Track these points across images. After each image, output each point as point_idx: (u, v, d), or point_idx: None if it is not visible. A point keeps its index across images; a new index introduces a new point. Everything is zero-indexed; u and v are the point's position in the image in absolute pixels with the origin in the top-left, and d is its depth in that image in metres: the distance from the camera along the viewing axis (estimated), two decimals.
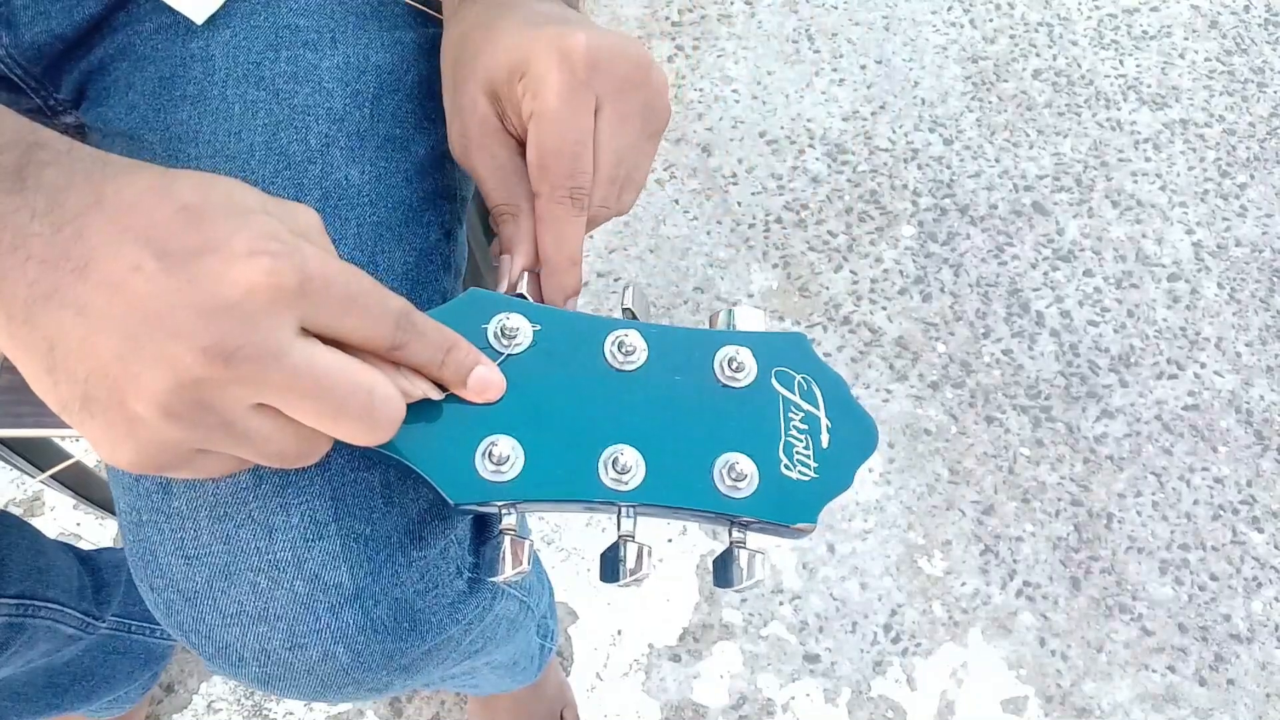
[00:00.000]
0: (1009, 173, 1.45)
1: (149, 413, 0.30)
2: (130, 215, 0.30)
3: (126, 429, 0.30)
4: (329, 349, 0.32)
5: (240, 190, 0.33)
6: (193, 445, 0.32)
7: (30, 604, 0.71)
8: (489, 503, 0.37)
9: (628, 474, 0.36)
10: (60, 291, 0.30)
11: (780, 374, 0.39)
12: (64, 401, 0.30)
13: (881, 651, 1.12)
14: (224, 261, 0.30)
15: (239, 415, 0.31)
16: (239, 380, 0.30)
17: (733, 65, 1.53)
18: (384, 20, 0.51)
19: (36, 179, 0.30)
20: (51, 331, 0.30)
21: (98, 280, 0.29)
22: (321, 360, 0.31)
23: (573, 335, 0.39)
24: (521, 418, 0.37)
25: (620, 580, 0.37)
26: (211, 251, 0.30)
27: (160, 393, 0.29)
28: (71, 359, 0.30)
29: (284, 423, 0.32)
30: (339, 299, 0.32)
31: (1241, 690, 1.11)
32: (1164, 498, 1.22)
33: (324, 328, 0.32)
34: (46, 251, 0.30)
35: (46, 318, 0.30)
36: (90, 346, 0.29)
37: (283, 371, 0.30)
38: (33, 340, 0.30)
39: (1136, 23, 1.61)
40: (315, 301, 0.31)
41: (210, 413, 0.31)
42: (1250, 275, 1.38)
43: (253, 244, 0.30)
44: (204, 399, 0.30)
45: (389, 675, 0.45)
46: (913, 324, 1.31)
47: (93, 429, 0.31)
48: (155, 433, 0.30)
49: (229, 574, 0.42)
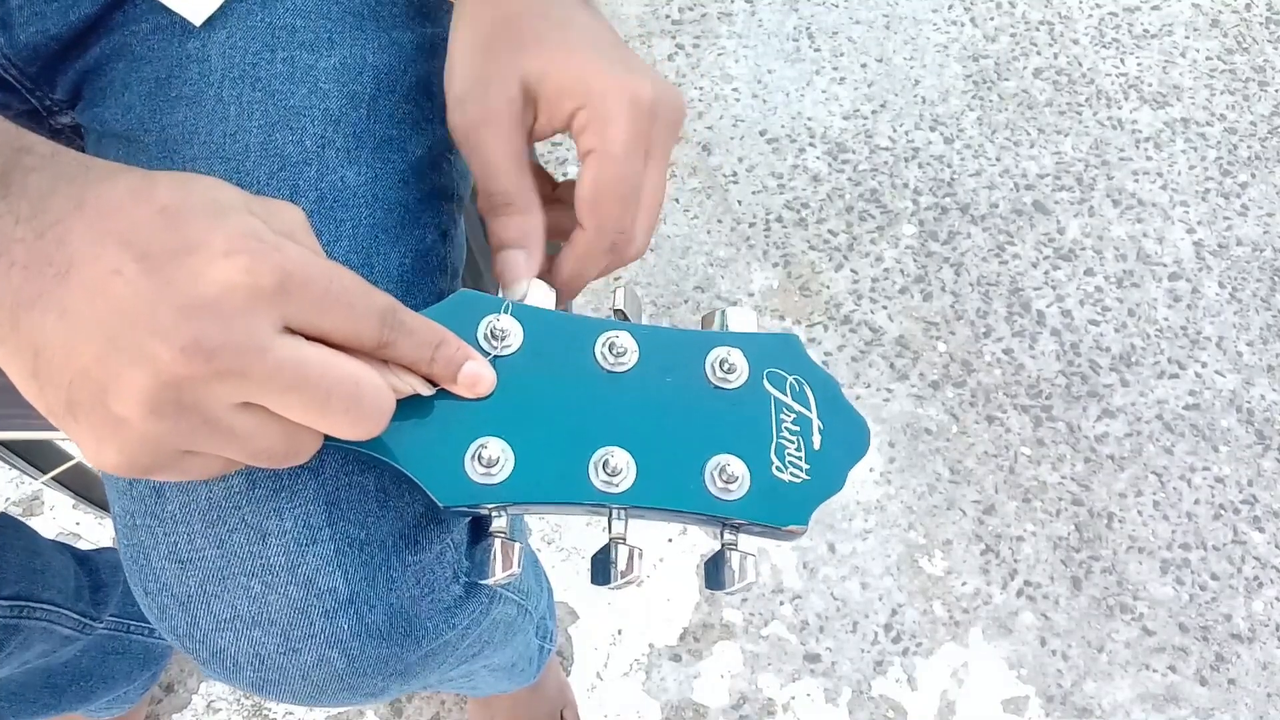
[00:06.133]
0: (1010, 171, 1.44)
1: (131, 413, 0.30)
2: (111, 218, 0.30)
3: (110, 431, 0.30)
4: (313, 344, 0.32)
5: (221, 189, 0.32)
6: (178, 445, 0.31)
7: (26, 605, 0.71)
8: (479, 505, 0.36)
9: (618, 476, 0.36)
10: (44, 297, 0.30)
11: (772, 375, 0.39)
12: (50, 406, 0.31)
13: (882, 651, 1.11)
14: (203, 261, 0.30)
15: (223, 413, 0.31)
16: (220, 377, 0.30)
17: (733, 63, 1.52)
18: (381, 21, 0.51)
19: (21, 185, 0.30)
20: (36, 337, 0.30)
21: (79, 283, 0.29)
22: (304, 353, 0.31)
23: (563, 336, 0.38)
24: (511, 420, 0.37)
25: (611, 583, 0.36)
26: (190, 251, 0.30)
27: (141, 392, 0.29)
28: (55, 363, 0.30)
29: (270, 420, 0.32)
30: (320, 297, 0.32)
31: (1242, 690, 1.11)
32: (1165, 497, 1.21)
33: (307, 325, 0.32)
34: (30, 257, 0.30)
35: (30, 323, 0.30)
36: (72, 350, 0.30)
37: (265, 366, 0.30)
38: (19, 346, 0.30)
39: (1138, 21, 1.61)
40: (295, 300, 0.31)
41: (193, 412, 0.30)
42: (1251, 274, 1.38)
43: (231, 243, 0.30)
44: (186, 398, 0.30)
45: (385, 680, 0.44)
46: (913, 323, 1.31)
47: (78, 432, 0.31)
48: (139, 434, 0.30)
49: (222, 578, 0.41)
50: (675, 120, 0.43)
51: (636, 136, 0.41)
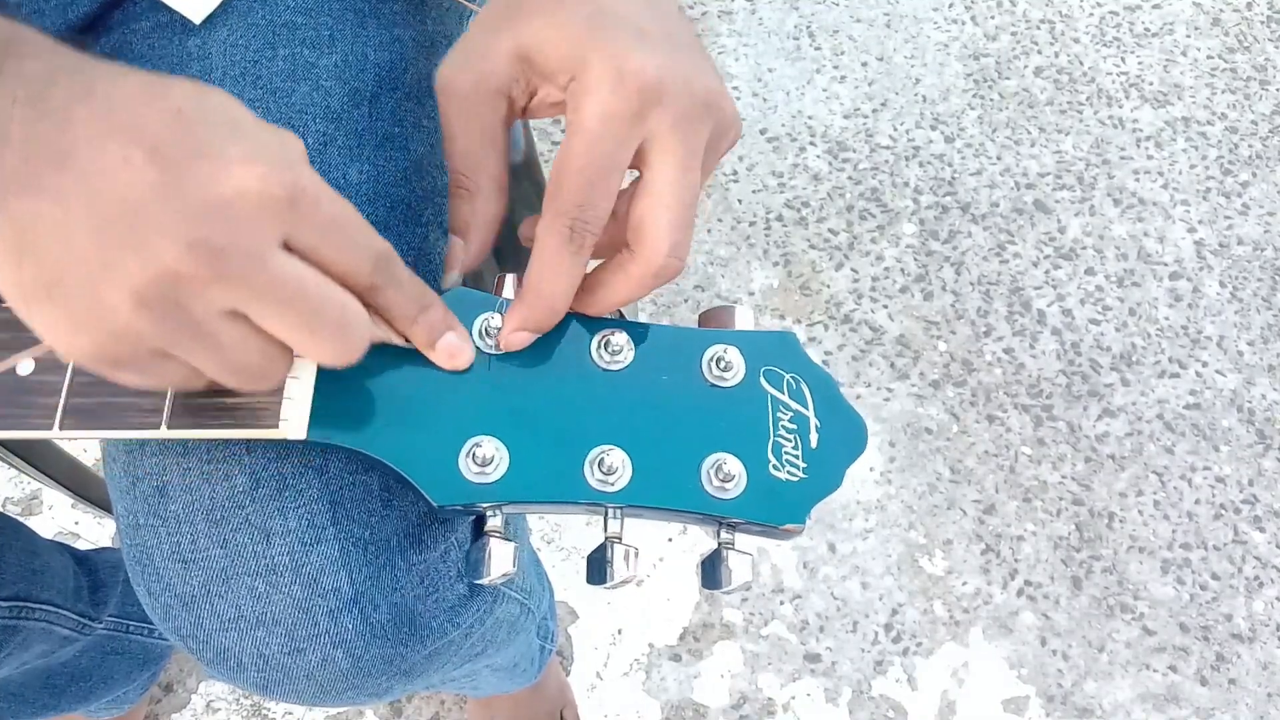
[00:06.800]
0: (1010, 170, 1.44)
1: (121, 301, 0.29)
2: (121, 112, 0.30)
3: (93, 318, 0.30)
4: (310, 266, 0.32)
5: (236, 107, 0.32)
6: (155, 344, 0.31)
7: (24, 606, 0.70)
8: (474, 504, 0.36)
9: (614, 475, 0.36)
10: (40, 179, 0.29)
11: (769, 373, 0.39)
12: (24, 285, 0.30)
13: (882, 651, 1.11)
14: (218, 166, 0.29)
15: (209, 318, 0.31)
16: (219, 280, 0.30)
17: (733, 62, 1.52)
18: (382, 18, 0.51)
19: (16, 70, 0.30)
20: (25, 216, 0.29)
21: (81, 170, 0.29)
22: (301, 271, 0.31)
23: (558, 335, 0.38)
24: (506, 418, 0.37)
25: (607, 583, 0.36)
26: (203, 156, 0.29)
27: (138, 282, 0.29)
28: (42, 243, 0.29)
29: (252, 333, 0.32)
30: (325, 221, 0.32)
31: (1243, 690, 1.11)
32: (1165, 497, 1.21)
33: (307, 248, 0.32)
34: (27, 137, 0.29)
35: (21, 204, 0.29)
36: (66, 232, 0.29)
37: (264, 275, 0.30)
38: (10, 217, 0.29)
39: (1138, 20, 1.61)
40: (302, 218, 0.31)
41: (182, 311, 0.30)
42: (1252, 274, 1.38)
43: (246, 153, 0.30)
44: (179, 296, 0.30)
45: (388, 680, 0.44)
46: (914, 322, 1.31)
47: (53, 315, 0.30)
48: (121, 324, 0.30)
49: (226, 578, 0.41)
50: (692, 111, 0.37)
51: (617, 115, 0.36)
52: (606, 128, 0.36)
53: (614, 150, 0.36)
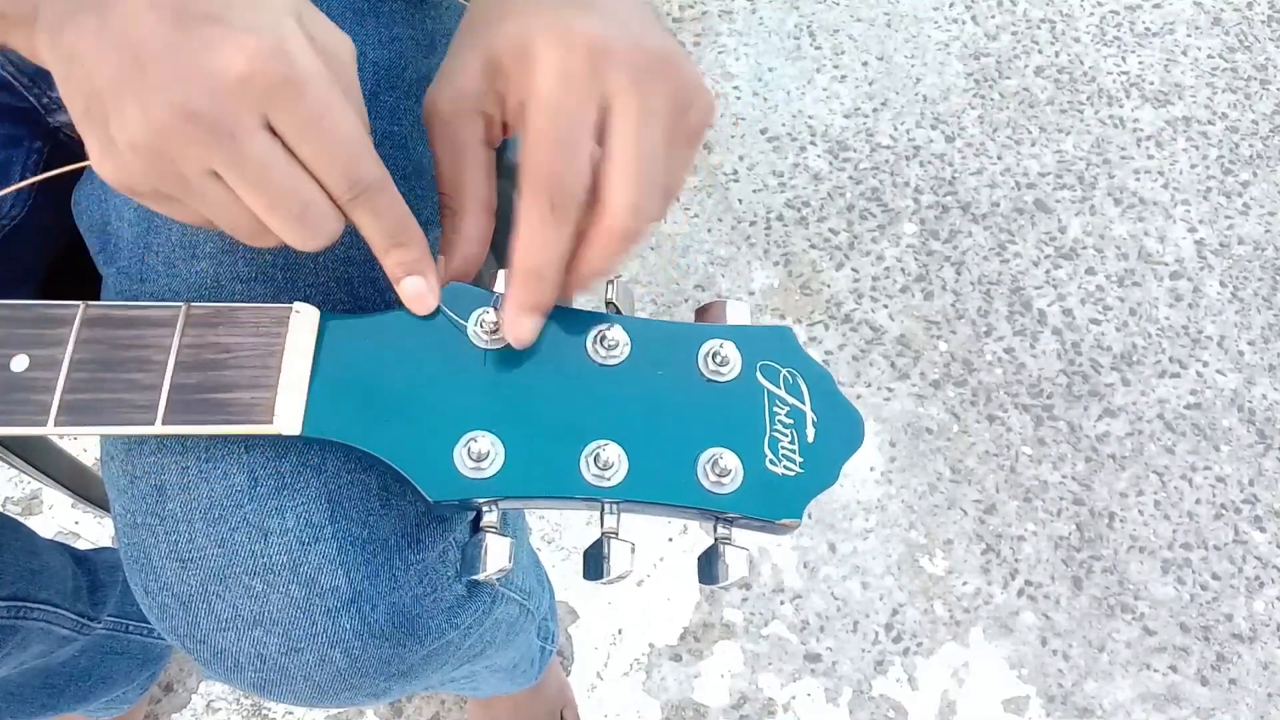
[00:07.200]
0: (1011, 170, 1.44)
1: (122, 142, 0.32)
2: None
3: (109, 150, 0.33)
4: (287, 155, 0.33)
5: None
6: (157, 186, 0.34)
7: (23, 606, 0.70)
8: (469, 500, 0.36)
9: (610, 470, 0.36)
10: (79, 17, 0.32)
11: (765, 368, 0.38)
12: (74, 110, 0.33)
13: (883, 651, 1.11)
14: (219, 34, 0.31)
15: (194, 175, 0.33)
16: (194, 142, 0.32)
17: (733, 62, 1.52)
18: (381, 17, 0.51)
19: None
20: (73, 43, 0.32)
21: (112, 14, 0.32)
22: (270, 156, 0.33)
23: (554, 330, 0.38)
24: (502, 413, 0.37)
25: (603, 578, 0.36)
26: (215, 21, 0.31)
27: (132, 130, 0.32)
28: (77, 75, 0.33)
29: (235, 197, 0.34)
30: (307, 118, 0.33)
31: (1243, 690, 1.11)
32: (1166, 497, 1.21)
33: (285, 135, 0.33)
34: None
35: (73, 30, 0.32)
36: (96, 65, 0.32)
37: (233, 152, 0.32)
38: (59, 50, 0.33)
39: (1139, 19, 1.60)
40: (282, 106, 0.32)
41: (169, 164, 0.32)
42: (1253, 273, 1.38)
43: (250, 26, 0.32)
44: (165, 150, 0.32)
45: (387, 681, 0.44)
46: (914, 322, 1.31)
47: (88, 140, 0.34)
48: (126, 161, 0.33)
49: (224, 578, 0.41)
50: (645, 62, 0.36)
51: (571, 76, 0.35)
52: (563, 90, 0.35)
53: (575, 110, 0.35)
